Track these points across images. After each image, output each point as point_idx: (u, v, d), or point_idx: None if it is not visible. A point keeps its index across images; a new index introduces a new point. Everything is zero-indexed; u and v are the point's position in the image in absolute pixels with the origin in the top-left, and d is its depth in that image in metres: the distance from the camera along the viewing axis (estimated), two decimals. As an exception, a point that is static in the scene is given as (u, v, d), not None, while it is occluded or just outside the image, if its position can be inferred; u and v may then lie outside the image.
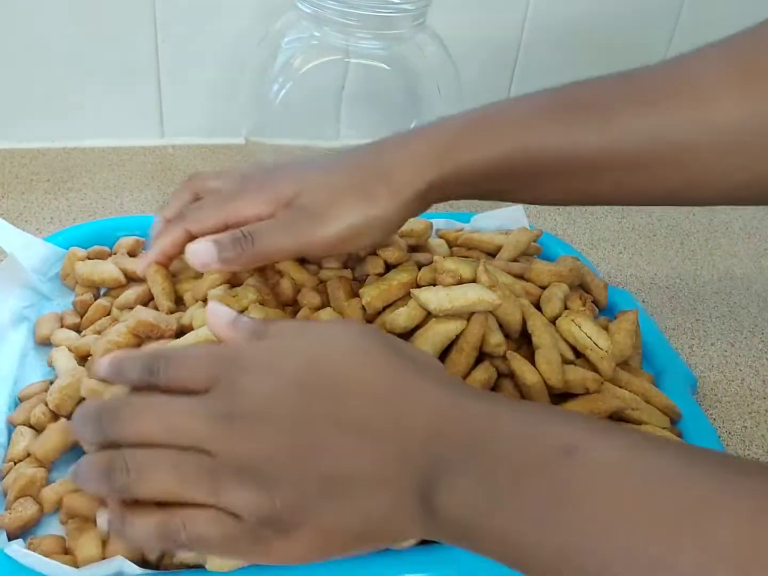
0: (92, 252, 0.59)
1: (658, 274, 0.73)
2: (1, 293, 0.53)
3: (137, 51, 0.77)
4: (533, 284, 0.56)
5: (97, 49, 0.76)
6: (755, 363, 0.63)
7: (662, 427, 0.50)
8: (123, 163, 0.80)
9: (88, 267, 0.55)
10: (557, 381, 0.48)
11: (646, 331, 0.58)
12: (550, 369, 0.48)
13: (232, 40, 0.79)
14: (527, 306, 0.52)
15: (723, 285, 0.73)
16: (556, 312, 0.53)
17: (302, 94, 0.72)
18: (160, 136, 0.84)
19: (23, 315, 0.54)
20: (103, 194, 0.75)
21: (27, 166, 0.77)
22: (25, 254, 0.56)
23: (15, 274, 0.54)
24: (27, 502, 0.41)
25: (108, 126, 0.81)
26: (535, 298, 0.55)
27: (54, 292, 0.57)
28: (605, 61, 0.93)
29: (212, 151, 0.84)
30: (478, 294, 0.47)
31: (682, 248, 0.78)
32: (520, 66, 0.89)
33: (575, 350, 0.52)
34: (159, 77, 0.79)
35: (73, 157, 0.80)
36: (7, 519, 0.40)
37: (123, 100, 0.80)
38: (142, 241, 0.61)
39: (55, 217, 0.71)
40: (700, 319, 0.68)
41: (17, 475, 0.42)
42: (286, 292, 0.51)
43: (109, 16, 0.75)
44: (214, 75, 0.81)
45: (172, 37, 0.77)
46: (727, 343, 0.65)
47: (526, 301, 0.53)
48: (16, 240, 0.56)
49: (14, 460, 0.44)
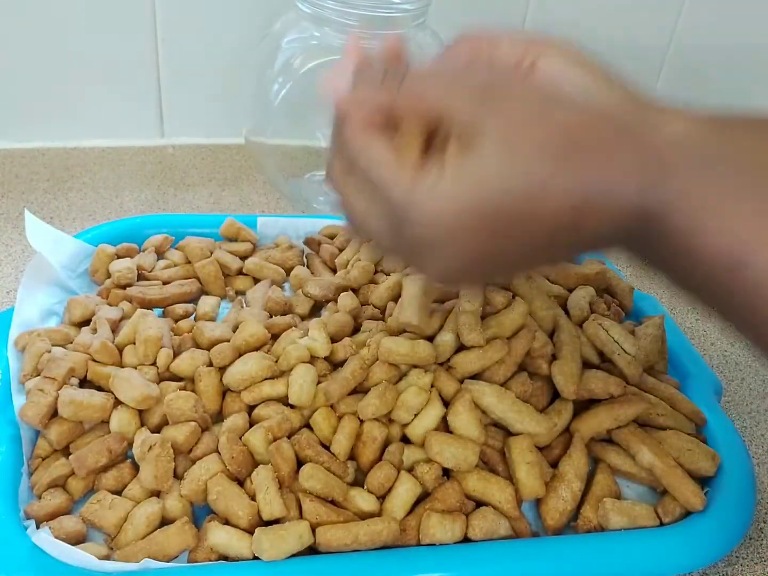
0: (121, 249, 0.60)
1: (658, 273, 0.73)
2: (31, 290, 0.53)
3: (137, 51, 0.77)
4: (559, 286, 0.57)
5: (97, 49, 0.76)
6: (755, 363, 0.63)
7: (687, 432, 0.49)
8: (123, 163, 0.80)
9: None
10: (569, 393, 0.48)
11: (672, 337, 0.57)
12: (564, 381, 0.48)
13: (232, 40, 0.79)
14: (558, 315, 0.53)
15: (723, 285, 0.73)
16: (584, 315, 0.54)
17: (302, 94, 0.72)
18: (160, 136, 0.84)
19: (52, 311, 0.55)
20: (103, 194, 0.75)
21: (27, 166, 0.77)
22: (55, 251, 0.56)
23: (44, 271, 0.55)
24: (57, 491, 0.42)
25: (108, 126, 0.81)
26: (561, 300, 0.56)
27: (83, 288, 0.58)
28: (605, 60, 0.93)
29: (212, 151, 0.84)
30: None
31: (682, 248, 0.78)
32: (520, 66, 0.89)
33: (601, 354, 0.52)
34: (159, 77, 0.79)
35: (73, 157, 0.80)
36: (36, 506, 0.41)
37: (123, 100, 0.80)
38: (171, 239, 0.62)
39: (55, 217, 0.71)
40: (700, 319, 0.68)
41: (51, 468, 0.43)
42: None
43: (110, 15, 0.75)
44: (214, 75, 0.81)
45: (172, 36, 0.77)
46: (727, 343, 0.65)
47: (561, 312, 0.53)
48: (45, 236, 0.57)
49: (41, 456, 0.44)
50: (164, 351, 0.49)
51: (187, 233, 0.63)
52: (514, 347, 0.49)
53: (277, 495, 0.41)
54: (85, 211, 0.72)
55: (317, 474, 0.42)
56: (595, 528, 0.44)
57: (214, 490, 0.41)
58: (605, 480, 0.47)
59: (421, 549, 0.42)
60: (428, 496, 0.44)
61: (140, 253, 0.61)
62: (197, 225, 0.65)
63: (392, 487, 0.44)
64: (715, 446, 0.49)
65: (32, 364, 0.47)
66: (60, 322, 0.54)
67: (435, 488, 0.44)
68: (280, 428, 0.45)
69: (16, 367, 0.48)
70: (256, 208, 0.76)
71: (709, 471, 0.47)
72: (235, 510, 0.41)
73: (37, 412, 0.43)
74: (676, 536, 0.44)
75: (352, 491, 0.43)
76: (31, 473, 0.44)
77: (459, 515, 0.43)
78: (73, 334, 0.51)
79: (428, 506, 0.43)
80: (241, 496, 0.41)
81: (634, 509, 0.45)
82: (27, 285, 0.53)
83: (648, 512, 0.45)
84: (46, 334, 0.50)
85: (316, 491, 0.42)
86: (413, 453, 0.45)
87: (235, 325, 0.53)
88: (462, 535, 0.42)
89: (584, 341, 0.52)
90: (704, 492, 0.46)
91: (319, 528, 0.41)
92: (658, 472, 0.46)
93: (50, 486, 0.42)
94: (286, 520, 0.41)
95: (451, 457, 0.44)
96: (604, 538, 0.44)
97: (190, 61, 0.79)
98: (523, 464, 0.45)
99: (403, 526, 0.42)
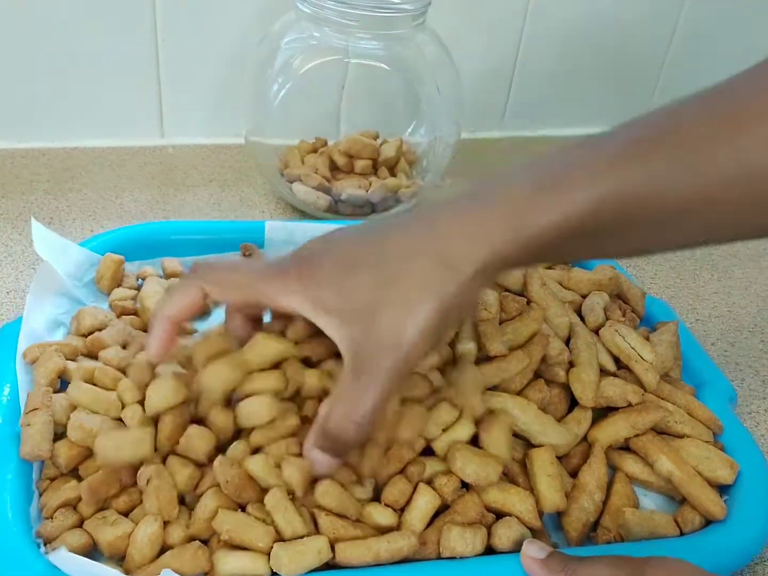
0: (141, 273, 0.60)
1: (658, 274, 0.73)
2: (38, 300, 0.53)
3: (137, 51, 0.77)
4: (573, 292, 0.57)
5: (98, 49, 0.76)
6: (755, 363, 0.63)
7: (705, 440, 0.49)
8: (123, 163, 0.80)
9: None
10: (588, 401, 0.48)
11: (685, 343, 0.57)
12: (582, 388, 0.48)
13: (232, 40, 0.79)
14: (573, 322, 0.52)
15: (722, 285, 0.73)
16: (599, 322, 0.53)
17: (302, 94, 0.72)
18: (160, 136, 0.84)
19: (59, 321, 0.54)
20: (103, 194, 0.75)
21: (27, 166, 0.77)
22: (61, 260, 0.56)
23: (50, 280, 0.54)
24: (68, 512, 0.41)
25: (108, 126, 0.81)
26: (574, 305, 0.56)
27: (89, 297, 0.57)
28: (605, 61, 0.94)
29: (212, 151, 0.84)
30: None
31: (682, 248, 0.78)
32: (520, 66, 0.89)
33: (617, 361, 0.52)
34: (159, 77, 0.79)
35: (73, 157, 0.80)
36: (49, 527, 0.40)
37: (123, 100, 0.80)
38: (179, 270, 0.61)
39: (55, 217, 0.71)
40: (700, 319, 0.68)
41: (60, 491, 0.42)
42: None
43: (110, 16, 0.75)
44: (214, 75, 0.81)
45: (172, 36, 0.77)
46: (727, 343, 0.65)
47: (576, 318, 0.53)
48: (52, 245, 0.56)
49: (50, 478, 0.43)
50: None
51: (192, 240, 0.62)
52: (530, 354, 0.48)
53: (295, 514, 0.40)
54: (86, 212, 0.72)
55: (332, 491, 0.41)
56: (615, 538, 0.44)
57: (224, 529, 0.39)
58: (623, 489, 0.46)
59: (441, 562, 0.41)
60: (447, 508, 0.43)
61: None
62: (202, 232, 0.64)
63: (411, 499, 0.43)
64: (731, 454, 0.48)
65: (48, 378, 0.46)
66: (66, 332, 0.53)
67: (454, 500, 0.43)
68: (288, 452, 0.42)
69: (25, 380, 0.47)
70: (256, 209, 0.76)
71: (728, 479, 0.47)
72: (255, 542, 0.39)
73: (31, 448, 0.42)
74: (699, 546, 0.43)
75: (369, 507, 0.42)
76: (41, 494, 0.42)
77: (479, 527, 0.42)
78: (80, 345, 0.50)
79: (448, 519, 0.42)
80: (253, 524, 0.40)
81: (653, 519, 0.44)
82: (36, 293, 0.52)
83: (668, 521, 0.45)
84: (59, 348, 0.49)
85: (331, 508, 0.41)
86: (432, 465, 0.44)
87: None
88: (483, 548, 0.41)
89: (600, 348, 0.51)
90: (723, 500, 0.46)
91: (339, 545, 0.40)
92: (677, 481, 0.46)
93: (60, 508, 0.41)
94: (305, 536, 0.40)
95: (472, 473, 0.43)
96: (627, 548, 0.42)
97: (190, 61, 0.79)
98: (544, 476, 0.44)
99: (423, 539, 0.41)
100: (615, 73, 0.92)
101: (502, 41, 0.87)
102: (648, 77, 0.95)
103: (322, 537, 0.40)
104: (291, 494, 0.42)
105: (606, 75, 0.92)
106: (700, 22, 0.90)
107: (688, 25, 0.90)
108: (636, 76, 0.95)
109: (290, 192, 0.73)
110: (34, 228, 0.56)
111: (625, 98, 0.95)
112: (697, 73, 0.94)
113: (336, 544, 0.40)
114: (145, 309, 0.55)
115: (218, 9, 0.77)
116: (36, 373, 0.47)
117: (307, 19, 0.68)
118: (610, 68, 0.91)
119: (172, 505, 0.41)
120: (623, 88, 0.94)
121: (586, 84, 0.92)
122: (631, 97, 0.96)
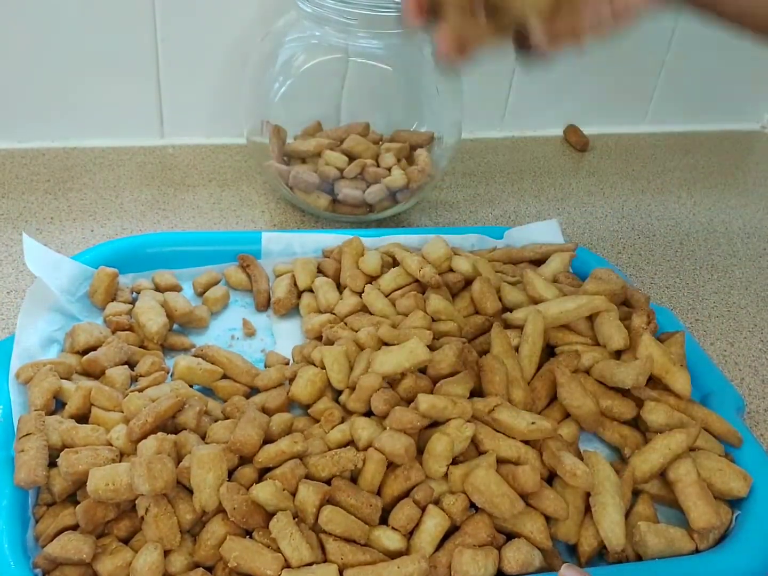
0: (136, 287, 0.59)
1: (657, 273, 0.73)
2: (31, 317, 0.52)
3: (137, 51, 0.77)
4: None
5: (97, 49, 0.76)
6: (755, 363, 0.63)
7: (718, 453, 0.49)
8: (123, 163, 0.80)
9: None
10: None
11: (692, 352, 0.56)
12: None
13: (232, 39, 0.79)
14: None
15: (722, 285, 0.73)
16: (621, 345, 0.53)
17: (303, 92, 0.72)
18: (160, 136, 0.84)
19: (53, 338, 0.53)
20: (103, 194, 0.75)
21: (27, 166, 0.77)
22: (53, 275, 0.55)
23: (44, 297, 0.54)
24: (66, 538, 0.40)
25: (108, 126, 0.81)
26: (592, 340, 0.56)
27: (83, 312, 0.57)
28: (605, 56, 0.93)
29: (212, 151, 0.84)
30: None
31: (682, 248, 0.78)
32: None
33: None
34: (159, 77, 0.79)
35: (73, 157, 0.80)
36: (45, 557, 0.40)
37: (123, 99, 0.80)
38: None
39: (55, 217, 0.71)
40: (699, 319, 0.68)
41: (58, 518, 0.41)
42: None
43: (110, 16, 0.75)
44: (215, 74, 0.81)
45: (172, 36, 0.77)
46: (726, 343, 0.65)
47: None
48: (44, 260, 0.55)
49: (47, 503, 0.43)
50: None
51: (188, 252, 0.62)
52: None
53: (302, 540, 0.40)
54: (86, 212, 0.72)
55: (336, 518, 0.41)
56: (627, 558, 0.44)
57: (231, 557, 0.39)
58: (645, 511, 0.46)
59: None
60: (456, 529, 0.43)
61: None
62: (198, 243, 0.64)
63: (420, 521, 0.42)
64: (740, 464, 0.48)
65: (44, 399, 0.45)
66: (60, 349, 0.53)
67: (463, 521, 0.43)
68: (293, 474, 0.42)
69: (19, 401, 0.47)
70: (256, 209, 0.76)
71: (741, 492, 0.46)
72: (263, 570, 0.39)
73: (26, 475, 0.41)
74: (716, 561, 0.43)
75: (377, 531, 0.42)
76: (37, 521, 0.42)
77: (491, 550, 0.41)
78: (74, 363, 0.50)
79: (458, 541, 0.42)
80: (260, 552, 0.39)
81: (669, 532, 0.44)
82: (27, 311, 0.52)
83: (683, 535, 0.44)
84: (53, 366, 0.48)
85: (337, 534, 0.41)
86: (439, 485, 0.44)
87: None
88: (495, 571, 0.41)
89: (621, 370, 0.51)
90: (735, 516, 0.46)
91: (348, 571, 0.39)
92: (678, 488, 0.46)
93: (56, 536, 0.40)
94: (313, 563, 0.40)
95: (485, 502, 0.42)
96: (644, 567, 0.43)
97: (190, 60, 0.79)
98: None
99: (433, 562, 0.41)
100: (615, 73, 0.92)
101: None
102: (648, 77, 0.95)
103: (332, 565, 0.39)
104: (296, 517, 0.41)
105: (606, 75, 0.92)
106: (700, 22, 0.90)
107: (688, 25, 0.90)
108: (636, 77, 0.95)
109: (290, 192, 0.73)
110: (26, 244, 0.55)
111: (625, 98, 0.95)
112: (697, 73, 0.95)
113: (345, 570, 0.39)
114: (141, 325, 0.54)
115: (218, 9, 0.77)
116: (30, 394, 0.46)
117: (308, 18, 0.68)
118: (611, 64, 0.91)
119: (173, 533, 0.40)
120: (623, 88, 0.95)
121: (586, 84, 0.92)
122: (631, 97, 0.96)
